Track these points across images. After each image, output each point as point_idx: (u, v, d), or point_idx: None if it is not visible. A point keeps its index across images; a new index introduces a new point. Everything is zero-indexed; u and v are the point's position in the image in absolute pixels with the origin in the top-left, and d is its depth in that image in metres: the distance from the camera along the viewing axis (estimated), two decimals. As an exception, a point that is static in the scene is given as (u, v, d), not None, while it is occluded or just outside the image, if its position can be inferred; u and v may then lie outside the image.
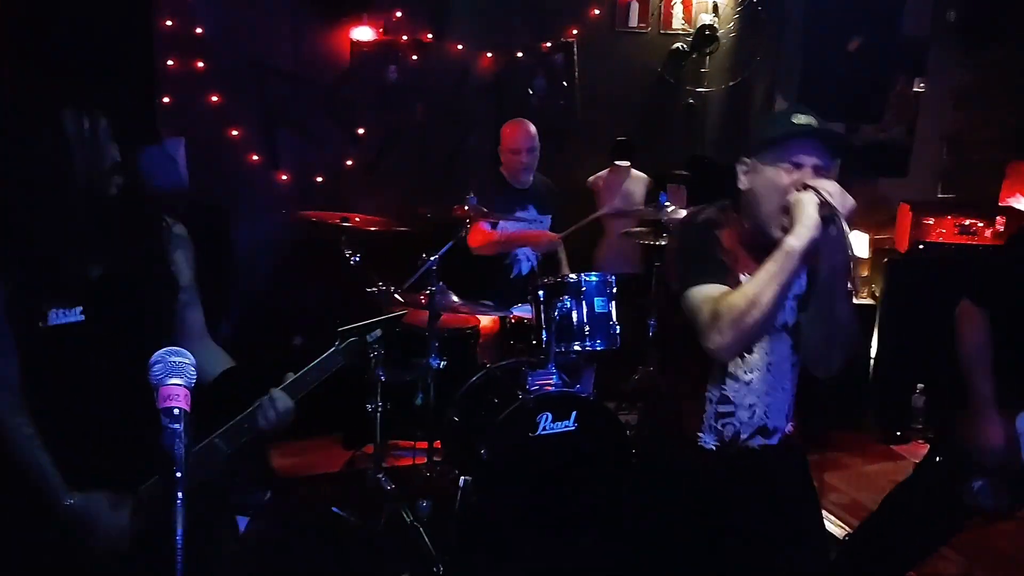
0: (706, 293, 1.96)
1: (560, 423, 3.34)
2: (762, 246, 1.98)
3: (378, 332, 2.07)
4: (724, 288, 1.95)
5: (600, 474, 3.44)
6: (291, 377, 1.94)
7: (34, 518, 1.79)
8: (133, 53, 3.99)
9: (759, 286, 1.88)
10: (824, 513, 3.81)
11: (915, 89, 5.56)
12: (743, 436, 2.14)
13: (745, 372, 2.12)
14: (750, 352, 2.09)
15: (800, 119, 1.98)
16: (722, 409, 2.13)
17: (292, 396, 1.92)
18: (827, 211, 1.87)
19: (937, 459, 2.72)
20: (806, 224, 1.87)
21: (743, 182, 2.08)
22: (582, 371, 4.16)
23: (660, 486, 2.30)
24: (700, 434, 2.15)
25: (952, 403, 2.63)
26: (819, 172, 1.97)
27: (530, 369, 3.55)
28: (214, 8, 4.39)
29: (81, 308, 1.78)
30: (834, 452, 4.56)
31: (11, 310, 1.76)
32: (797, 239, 1.87)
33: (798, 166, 1.98)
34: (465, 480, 3.31)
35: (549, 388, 3.42)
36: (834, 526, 3.74)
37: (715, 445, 2.15)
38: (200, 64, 4.39)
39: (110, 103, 1.93)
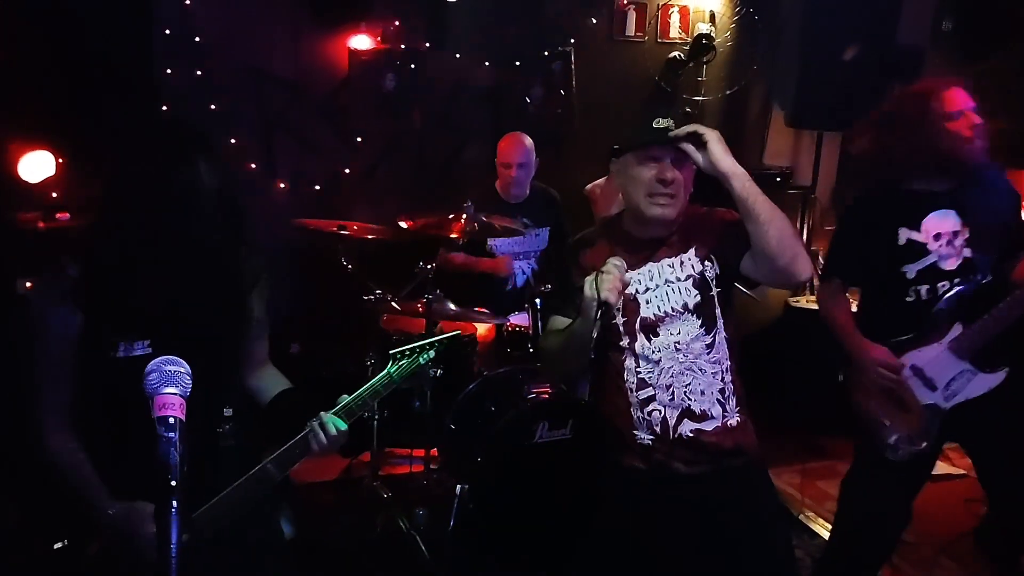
0: (552, 323, 2.31)
1: (557, 431, 3.34)
2: (639, 240, 2.25)
3: (431, 353, 2.09)
4: (558, 323, 2.26)
5: (596, 482, 3.43)
6: (344, 400, 1.97)
7: (79, 525, 1.87)
8: (132, 61, 4.00)
9: (557, 347, 2.23)
10: (821, 521, 3.86)
11: (911, 98, 5.57)
12: (672, 422, 2.18)
13: (654, 352, 2.20)
14: (656, 334, 2.19)
15: (660, 123, 2.16)
16: (642, 395, 2.20)
17: (345, 419, 1.95)
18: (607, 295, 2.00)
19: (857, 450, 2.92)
20: (586, 313, 2.03)
21: (615, 183, 2.30)
22: (578, 379, 4.16)
23: (622, 501, 2.32)
24: (635, 432, 2.22)
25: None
26: (678, 163, 2.16)
27: (527, 377, 3.55)
28: (212, 16, 4.40)
29: (149, 342, 1.83)
30: (829, 460, 4.57)
31: (83, 340, 1.81)
32: (580, 321, 2.07)
33: (657, 160, 2.15)
34: (462, 488, 3.31)
35: (545, 396, 3.43)
36: (828, 534, 3.73)
37: (650, 439, 2.21)
38: (198, 72, 4.40)
39: (109, 111, 1.94)
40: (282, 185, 4.68)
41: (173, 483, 1.14)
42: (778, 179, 5.31)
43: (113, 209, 1.83)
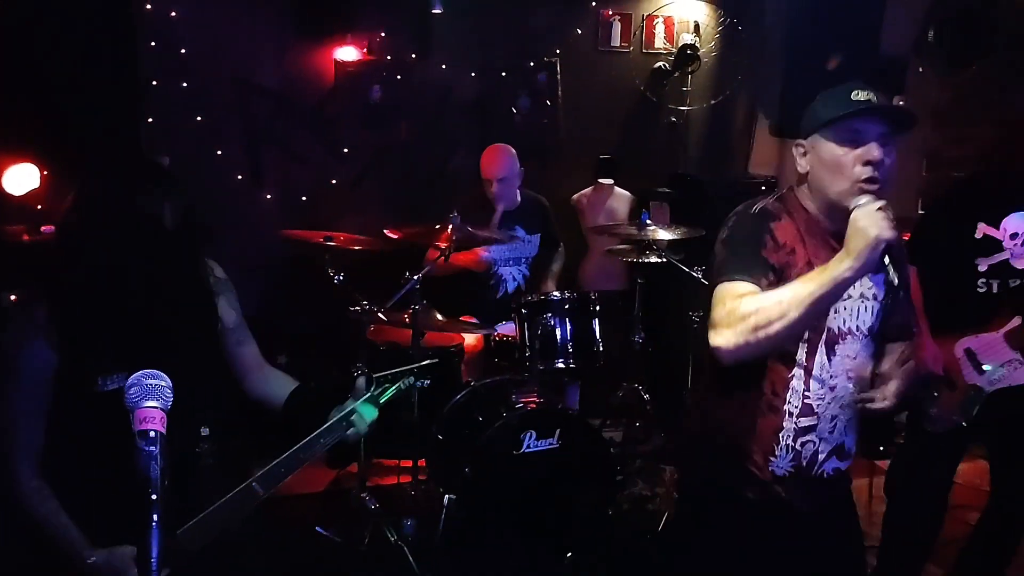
0: (733, 289, 1.83)
1: (544, 440, 3.34)
2: (829, 232, 1.92)
3: (410, 379, 2.12)
4: (753, 287, 1.81)
5: (584, 491, 3.44)
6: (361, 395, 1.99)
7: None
8: (117, 73, 3.99)
9: (794, 302, 1.72)
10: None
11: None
12: (821, 457, 1.97)
13: (832, 376, 1.94)
14: (834, 354, 1.93)
15: (860, 95, 1.86)
16: (804, 423, 1.94)
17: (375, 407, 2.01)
18: (892, 233, 1.71)
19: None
20: (865, 248, 1.69)
21: (802, 165, 1.96)
22: (566, 388, 4.17)
23: (720, 535, 2.05)
24: (773, 458, 1.95)
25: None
26: (884, 143, 1.85)
27: (514, 387, 3.56)
28: (198, 28, 4.41)
29: (127, 374, 1.79)
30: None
31: (61, 377, 1.79)
32: (852, 267, 1.70)
33: (861, 142, 1.85)
34: (449, 498, 3.30)
35: (533, 406, 3.43)
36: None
37: (790, 470, 1.96)
38: (184, 84, 4.40)
39: (94, 124, 1.93)
40: (268, 196, 4.67)
41: (154, 497, 1.14)
42: (763, 188, 5.34)
43: (73, 239, 1.81)
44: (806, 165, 1.95)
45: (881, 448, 4.78)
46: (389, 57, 4.77)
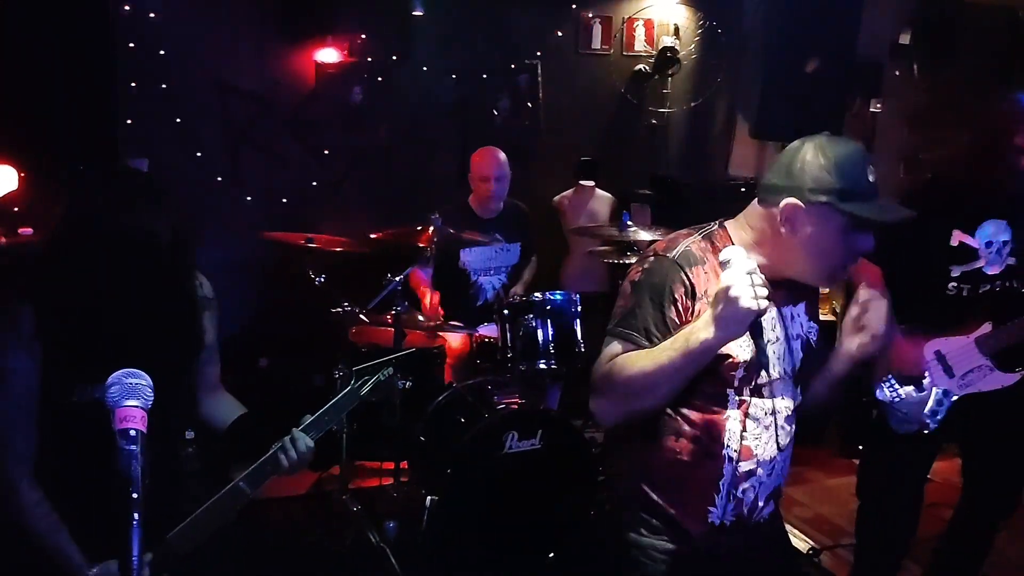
0: (615, 348, 1.74)
1: (526, 441, 3.35)
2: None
3: (391, 370, 2.09)
4: (635, 349, 1.71)
5: (566, 492, 3.45)
6: (309, 419, 1.97)
7: None
8: (95, 75, 3.97)
9: (660, 374, 1.63)
10: (788, 528, 3.89)
11: (871, 109, 5.69)
12: (760, 503, 1.85)
13: (767, 414, 1.81)
14: (764, 395, 1.80)
15: (872, 177, 1.70)
16: (744, 467, 1.79)
17: (312, 436, 1.95)
18: (764, 304, 1.56)
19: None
20: (732, 321, 1.56)
21: (790, 228, 1.70)
22: (548, 389, 4.18)
23: None
24: (712, 508, 1.80)
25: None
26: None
27: (496, 388, 3.56)
28: (177, 30, 4.38)
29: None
30: (796, 467, 4.54)
31: (41, 386, 1.77)
32: (717, 337, 1.58)
33: (871, 230, 1.71)
34: (432, 500, 3.31)
35: (515, 407, 3.44)
36: (798, 540, 3.78)
37: (731, 519, 1.82)
38: (163, 86, 4.38)
39: (72, 126, 1.91)
40: (249, 198, 4.66)
41: (135, 495, 1.14)
42: (743, 189, 5.38)
43: (64, 254, 1.79)
44: (798, 231, 1.70)
45: (860, 447, 4.84)
46: (370, 59, 4.77)
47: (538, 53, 5.14)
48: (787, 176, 1.71)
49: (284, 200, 4.73)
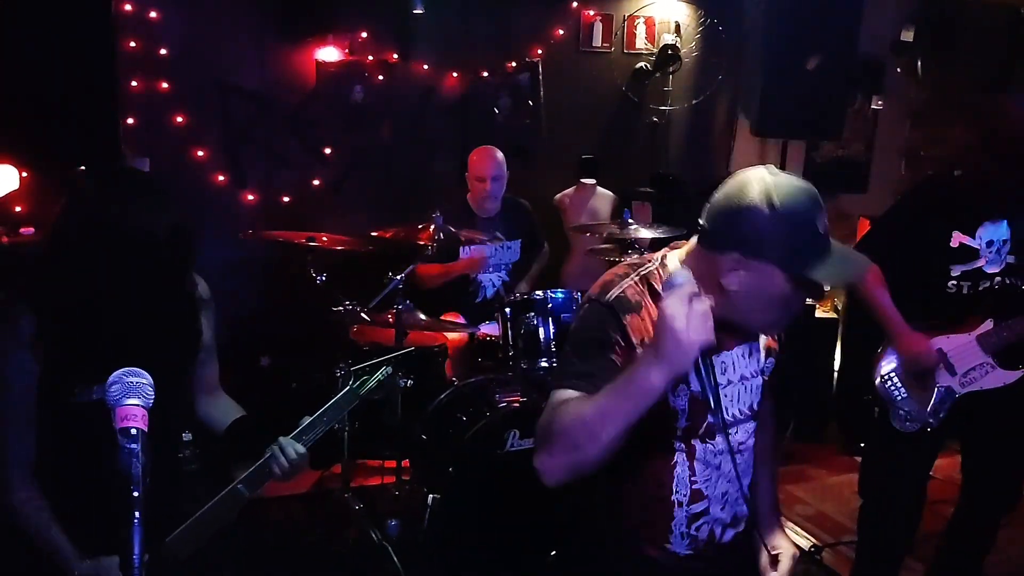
0: (560, 397, 1.60)
1: (528, 439, 3.35)
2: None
3: (390, 369, 2.09)
4: (569, 395, 1.59)
5: (568, 490, 3.44)
6: (307, 420, 1.96)
7: None
8: (97, 74, 3.97)
9: (602, 422, 1.49)
10: (790, 525, 3.90)
11: (873, 106, 5.69)
12: (718, 532, 1.82)
13: (715, 455, 1.76)
14: (713, 436, 1.74)
15: (822, 229, 1.59)
16: (695, 509, 1.77)
17: (305, 441, 1.95)
18: (708, 336, 1.44)
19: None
20: (677, 352, 1.42)
21: (732, 282, 1.59)
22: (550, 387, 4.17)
23: None
24: (668, 545, 1.79)
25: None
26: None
27: (497, 386, 3.56)
28: (178, 29, 4.39)
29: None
30: (798, 464, 4.62)
31: (41, 387, 1.78)
32: (662, 373, 1.43)
33: (820, 290, 1.64)
34: (433, 498, 3.30)
35: (516, 405, 3.44)
36: (800, 538, 3.78)
37: (688, 552, 1.80)
38: (164, 85, 4.38)
39: (74, 125, 1.90)
40: (250, 197, 4.66)
41: (136, 494, 1.14)
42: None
43: (62, 253, 1.79)
44: (738, 285, 1.59)
45: (861, 444, 4.84)
46: (371, 58, 4.77)
47: (539, 51, 5.13)
48: (730, 225, 1.59)
49: (285, 199, 4.73)
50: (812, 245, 1.57)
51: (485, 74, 5.04)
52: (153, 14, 4.32)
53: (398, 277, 3.53)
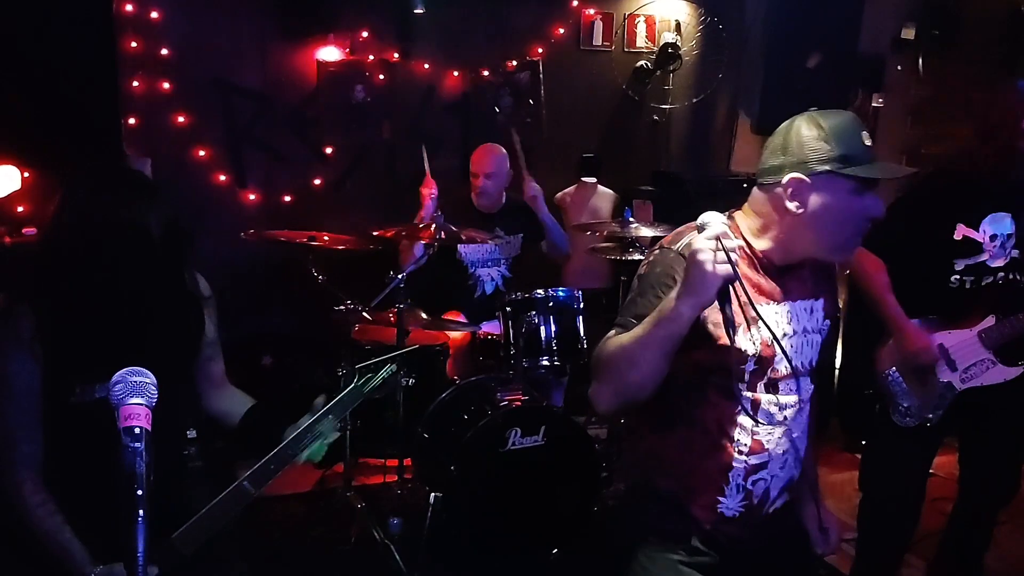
0: (610, 335, 1.74)
1: (529, 438, 3.36)
2: (776, 268, 1.78)
3: (393, 367, 2.09)
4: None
5: (569, 488, 3.46)
6: (307, 421, 1.96)
7: None
8: (98, 74, 3.97)
9: (638, 346, 1.62)
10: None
11: (873, 104, 5.68)
12: (773, 494, 1.84)
13: (781, 409, 1.80)
14: (778, 390, 1.79)
15: (868, 140, 1.72)
16: (755, 460, 1.79)
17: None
18: (726, 270, 1.54)
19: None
20: (701, 284, 1.54)
21: (797, 204, 1.70)
22: (551, 386, 4.18)
23: None
24: (722, 499, 1.80)
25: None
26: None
27: (499, 384, 3.57)
28: (180, 29, 4.39)
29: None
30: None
31: (43, 387, 1.78)
32: (688, 303, 1.56)
33: (875, 192, 1.71)
34: (435, 497, 3.31)
35: (518, 403, 3.44)
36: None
37: (740, 510, 1.81)
38: (166, 84, 4.39)
39: (75, 125, 1.91)
40: (252, 197, 4.67)
41: (140, 492, 1.14)
42: (745, 185, 5.37)
43: (58, 252, 1.80)
44: (804, 205, 1.70)
45: (863, 442, 4.84)
46: (371, 57, 4.77)
47: (539, 50, 5.13)
48: (785, 153, 1.73)
49: (287, 198, 4.73)
50: (861, 152, 1.68)
51: (486, 73, 5.05)
52: (154, 14, 4.33)
53: (399, 276, 3.53)
